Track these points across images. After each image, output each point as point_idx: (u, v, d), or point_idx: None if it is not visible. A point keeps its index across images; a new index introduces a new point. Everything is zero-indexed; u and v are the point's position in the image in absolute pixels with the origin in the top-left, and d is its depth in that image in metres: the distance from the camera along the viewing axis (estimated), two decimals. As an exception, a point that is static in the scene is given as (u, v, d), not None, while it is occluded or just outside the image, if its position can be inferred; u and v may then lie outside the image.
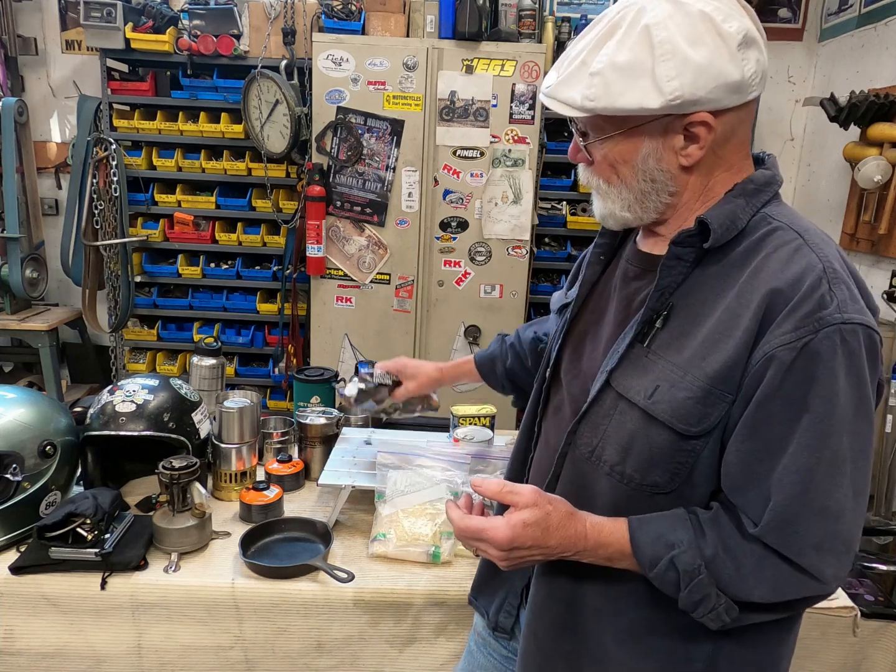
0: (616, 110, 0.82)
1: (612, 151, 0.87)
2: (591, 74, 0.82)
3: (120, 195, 3.34)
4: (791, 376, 0.77)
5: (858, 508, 0.80)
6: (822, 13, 3.50)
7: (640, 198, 0.89)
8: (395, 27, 3.18)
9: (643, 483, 0.86)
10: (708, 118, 0.82)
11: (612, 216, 0.93)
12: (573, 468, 0.94)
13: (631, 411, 0.87)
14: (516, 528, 0.83)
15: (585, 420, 0.92)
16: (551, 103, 0.88)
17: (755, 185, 0.88)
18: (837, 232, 3.15)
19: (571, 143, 0.94)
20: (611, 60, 0.81)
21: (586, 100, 0.83)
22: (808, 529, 0.78)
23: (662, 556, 0.82)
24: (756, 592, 0.81)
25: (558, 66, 0.88)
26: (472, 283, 3.30)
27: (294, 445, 1.88)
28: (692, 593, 0.82)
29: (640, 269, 0.95)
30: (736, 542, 0.82)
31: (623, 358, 0.89)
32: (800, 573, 0.80)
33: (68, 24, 3.70)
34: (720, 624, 0.83)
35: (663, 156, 0.86)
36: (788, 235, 0.84)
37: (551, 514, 0.84)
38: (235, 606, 1.36)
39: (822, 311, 0.77)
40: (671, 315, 0.87)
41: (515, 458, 1.14)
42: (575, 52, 0.86)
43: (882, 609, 1.42)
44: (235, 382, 3.60)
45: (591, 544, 0.85)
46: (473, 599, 1.19)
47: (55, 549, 1.34)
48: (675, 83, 0.79)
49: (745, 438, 0.81)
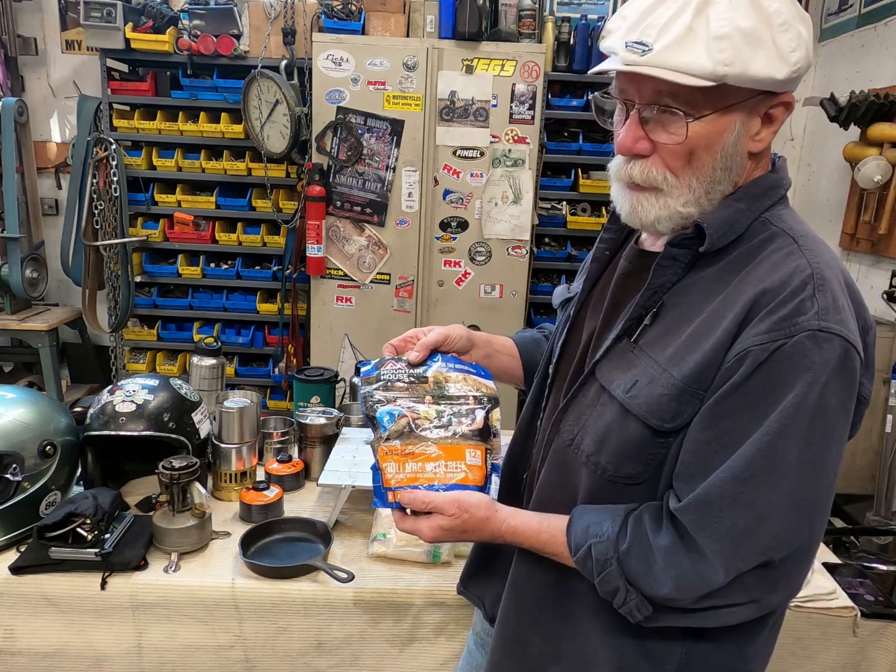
0: (747, 79, 0.77)
1: (699, 134, 0.80)
2: (716, 38, 0.75)
3: (120, 195, 3.34)
4: (758, 375, 0.77)
5: (797, 524, 0.78)
6: (822, 13, 3.50)
7: (709, 189, 0.84)
8: (395, 27, 3.18)
9: (616, 474, 0.87)
10: (792, 99, 0.82)
11: (671, 218, 0.85)
12: (556, 455, 0.96)
13: (610, 403, 0.87)
14: (435, 530, 0.91)
15: (570, 408, 0.94)
16: (659, 72, 0.77)
17: (759, 188, 0.86)
18: (837, 232, 3.15)
19: (626, 130, 0.83)
20: (735, 25, 0.75)
21: (720, 65, 0.75)
22: (728, 517, 0.78)
23: (584, 544, 0.86)
24: (664, 589, 0.81)
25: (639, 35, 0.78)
26: (472, 283, 3.30)
27: (294, 445, 1.88)
28: (604, 583, 0.85)
29: (638, 267, 0.95)
30: (653, 539, 0.82)
31: (609, 351, 0.89)
32: (700, 565, 0.79)
33: (68, 24, 3.70)
34: (635, 620, 0.85)
35: (742, 140, 0.82)
36: (784, 241, 0.83)
37: (467, 521, 0.90)
38: (235, 606, 1.36)
39: (800, 316, 0.76)
40: (661, 313, 0.87)
41: (511, 455, 1.12)
42: (663, 19, 0.77)
43: (882, 609, 1.42)
44: (235, 382, 3.60)
45: (507, 540, 0.93)
46: (463, 589, 1.19)
47: (55, 549, 1.35)
48: (797, 54, 0.77)
49: (704, 428, 0.81)
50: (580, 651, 0.94)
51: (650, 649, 0.90)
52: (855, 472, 2.67)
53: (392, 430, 0.95)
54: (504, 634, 1.02)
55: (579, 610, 0.93)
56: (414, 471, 0.93)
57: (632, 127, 0.83)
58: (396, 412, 0.96)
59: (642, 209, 0.86)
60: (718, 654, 0.90)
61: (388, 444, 0.94)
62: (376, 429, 0.96)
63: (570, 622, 0.94)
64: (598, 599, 0.89)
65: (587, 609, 0.92)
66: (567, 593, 0.94)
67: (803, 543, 0.80)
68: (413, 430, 0.95)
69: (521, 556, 0.99)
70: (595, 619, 0.92)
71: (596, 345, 0.95)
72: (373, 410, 0.97)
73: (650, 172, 0.84)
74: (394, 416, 0.96)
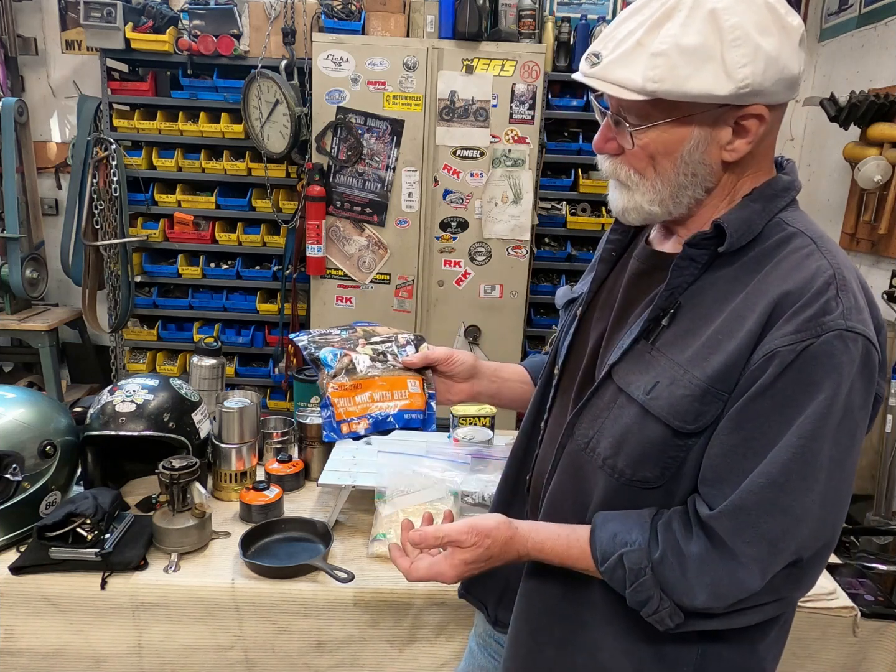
0: (681, 94, 0.78)
1: (656, 141, 0.83)
2: (653, 55, 0.77)
3: (120, 195, 3.34)
4: (787, 376, 0.77)
5: (823, 522, 0.79)
6: (822, 13, 3.50)
7: (675, 192, 0.86)
8: (395, 27, 3.18)
9: (633, 478, 0.87)
10: (763, 111, 0.81)
11: (637, 210, 0.89)
12: (569, 459, 0.95)
13: (629, 406, 0.87)
14: (458, 567, 0.90)
15: (585, 411, 0.93)
16: (599, 84, 0.82)
17: (773, 190, 0.87)
18: (837, 232, 3.15)
19: (599, 131, 0.89)
20: (676, 42, 0.77)
21: (649, 81, 0.78)
22: (766, 522, 0.78)
23: (613, 552, 0.84)
24: (699, 598, 0.81)
25: (601, 46, 0.83)
26: (472, 283, 3.30)
27: (294, 445, 1.88)
28: (637, 592, 0.83)
29: (650, 267, 0.95)
30: (685, 546, 0.82)
31: (626, 352, 0.89)
32: (737, 572, 0.79)
33: (68, 24, 3.70)
34: (664, 628, 0.84)
35: (708, 149, 0.83)
36: (802, 241, 0.83)
37: (490, 548, 0.90)
38: (235, 606, 1.36)
39: (826, 315, 0.76)
40: (678, 314, 0.86)
41: (515, 457, 1.12)
42: (623, 33, 0.81)
43: (882, 609, 1.42)
44: (235, 382, 3.60)
45: (534, 558, 0.92)
46: (465, 593, 1.18)
47: (55, 549, 1.35)
48: (746, 70, 0.77)
49: (731, 431, 0.80)
50: (595, 661, 0.93)
51: (666, 654, 0.89)
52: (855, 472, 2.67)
53: (337, 367, 1.03)
54: (517, 646, 1.02)
55: (593, 619, 0.93)
56: (363, 402, 1.01)
57: (603, 129, 0.89)
58: (339, 352, 1.05)
59: (616, 198, 0.91)
60: (732, 655, 0.90)
61: (336, 380, 1.02)
62: (321, 368, 1.04)
63: (584, 632, 0.93)
64: (612, 609, 0.89)
65: (601, 619, 0.92)
66: (580, 603, 0.94)
67: (828, 540, 0.81)
68: (355, 366, 1.04)
69: (532, 565, 0.98)
70: (609, 629, 0.91)
71: (608, 346, 0.94)
72: (315, 353, 1.05)
73: (617, 169, 0.89)
74: (336, 355, 1.04)
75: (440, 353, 1.10)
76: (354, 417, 0.99)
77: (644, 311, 0.89)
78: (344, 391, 1.00)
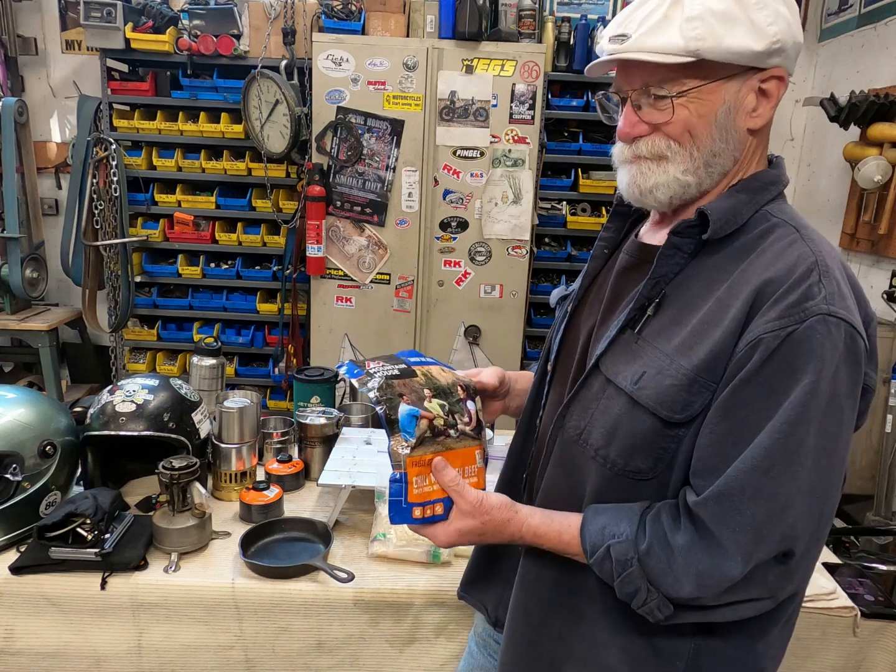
0: (722, 51, 0.81)
1: (689, 108, 0.85)
2: (689, 19, 0.81)
3: (120, 195, 3.34)
4: (772, 363, 0.77)
5: (810, 511, 0.79)
6: (821, 13, 3.50)
7: (709, 160, 0.87)
8: (395, 27, 3.18)
9: (626, 468, 0.87)
10: (783, 72, 0.85)
11: (667, 185, 0.88)
12: (562, 451, 0.95)
13: (618, 396, 0.87)
14: (452, 535, 0.91)
15: (575, 403, 0.93)
16: (638, 55, 0.83)
17: (760, 182, 0.89)
18: (837, 232, 3.15)
19: (623, 118, 0.90)
20: (707, 6, 0.81)
21: (692, 40, 0.81)
22: (750, 508, 0.78)
23: (601, 545, 0.85)
24: (685, 589, 0.81)
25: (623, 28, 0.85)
26: (472, 283, 3.30)
27: (294, 445, 1.88)
28: (624, 584, 0.84)
29: (639, 260, 0.95)
30: (672, 538, 0.82)
31: (613, 343, 0.89)
32: (722, 561, 0.79)
33: (68, 24, 3.70)
34: (655, 619, 0.84)
35: (737, 115, 0.86)
36: (786, 231, 0.85)
37: (486, 524, 0.91)
38: (235, 606, 1.36)
39: (809, 301, 0.77)
40: (664, 304, 0.87)
41: (512, 455, 1.12)
42: (644, 13, 0.84)
43: (882, 609, 1.42)
44: (235, 382, 3.59)
45: (527, 542, 0.93)
46: (465, 594, 1.18)
47: (55, 549, 1.35)
48: (774, 28, 0.82)
49: (719, 420, 0.81)
50: (592, 651, 0.93)
51: (660, 647, 0.89)
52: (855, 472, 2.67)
53: (417, 435, 0.87)
54: (514, 637, 1.02)
55: (590, 610, 0.93)
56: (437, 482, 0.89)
57: (628, 114, 0.89)
58: (416, 412, 0.88)
59: (641, 176, 0.90)
60: (728, 649, 0.89)
61: (415, 452, 0.86)
62: (396, 433, 0.86)
63: (581, 623, 0.94)
64: (609, 600, 0.89)
65: (597, 609, 0.92)
66: (577, 594, 0.94)
67: (816, 531, 0.80)
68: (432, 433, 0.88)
69: (529, 557, 0.99)
70: (605, 620, 0.91)
71: (597, 338, 0.95)
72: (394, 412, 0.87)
73: (656, 144, 0.88)
74: (415, 418, 0.87)
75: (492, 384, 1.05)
76: (428, 501, 0.87)
77: (631, 301, 0.90)
78: (422, 468, 0.87)
